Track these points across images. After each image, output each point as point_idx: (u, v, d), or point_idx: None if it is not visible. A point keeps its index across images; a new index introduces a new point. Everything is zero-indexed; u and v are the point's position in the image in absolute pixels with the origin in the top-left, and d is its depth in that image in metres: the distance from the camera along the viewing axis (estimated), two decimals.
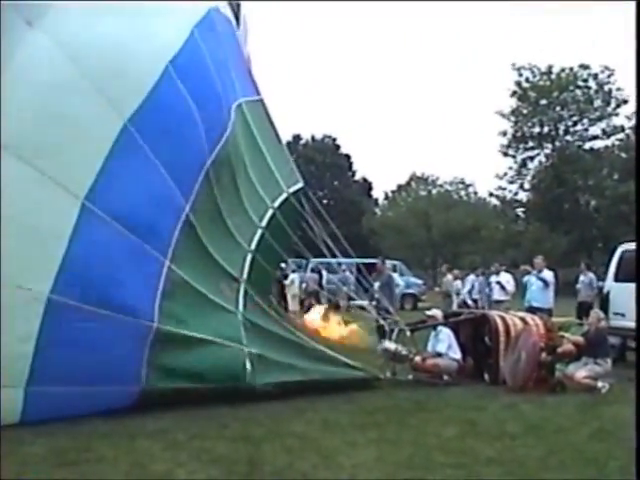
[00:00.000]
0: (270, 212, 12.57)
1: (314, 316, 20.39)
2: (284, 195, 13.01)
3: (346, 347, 13.12)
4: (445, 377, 12.84)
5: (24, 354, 9.11)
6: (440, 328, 13.32)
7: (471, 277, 23.10)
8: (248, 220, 12.22)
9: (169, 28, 11.48)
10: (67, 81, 9.97)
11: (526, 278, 17.59)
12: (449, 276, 24.76)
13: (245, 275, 11.61)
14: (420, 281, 39.06)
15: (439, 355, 12.85)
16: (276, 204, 12.76)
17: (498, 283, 20.12)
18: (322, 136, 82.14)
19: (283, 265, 24.36)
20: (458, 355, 13.04)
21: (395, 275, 25.35)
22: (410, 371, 12.99)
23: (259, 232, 12.21)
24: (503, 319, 13.14)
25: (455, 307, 21.69)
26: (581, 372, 11.99)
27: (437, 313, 14.09)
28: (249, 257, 11.83)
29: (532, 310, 15.77)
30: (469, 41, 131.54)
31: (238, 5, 20.42)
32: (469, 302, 21.49)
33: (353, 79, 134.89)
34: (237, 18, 20.84)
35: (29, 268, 9.21)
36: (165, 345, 10.12)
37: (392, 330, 13.42)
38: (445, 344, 12.89)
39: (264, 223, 12.37)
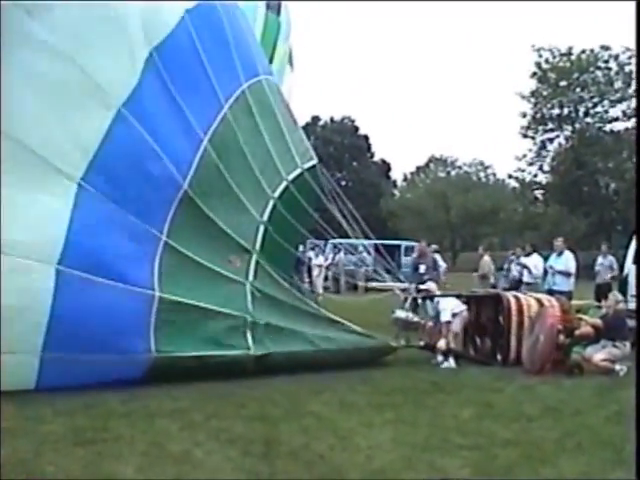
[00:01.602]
0: (284, 184, 12.72)
1: None
2: (298, 170, 13.14)
3: (362, 319, 13.12)
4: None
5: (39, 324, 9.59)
6: (436, 299, 13.49)
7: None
8: (261, 192, 12.36)
9: (159, 14, 11.60)
10: (61, 70, 10.34)
11: (547, 264, 17.51)
12: (486, 257, 24.66)
13: (257, 246, 11.85)
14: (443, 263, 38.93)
15: (448, 323, 12.92)
16: (290, 177, 12.89)
17: (525, 266, 19.92)
18: (341, 117, 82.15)
19: (303, 248, 24.38)
20: (462, 306, 13.23)
21: (437, 257, 25.37)
22: (423, 338, 13.15)
23: (271, 203, 12.36)
24: (517, 299, 13.14)
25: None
26: (599, 354, 11.95)
27: (431, 285, 14.29)
28: (261, 228, 12.03)
29: (552, 293, 15.71)
30: (490, 22, 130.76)
31: None
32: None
33: (373, 60, 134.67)
34: (279, 8, 20.90)
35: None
36: (169, 314, 10.51)
37: (405, 299, 13.55)
38: (447, 312, 12.96)
39: (277, 194, 12.51)
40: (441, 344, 12.73)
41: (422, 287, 14.45)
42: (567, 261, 16.82)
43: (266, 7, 20.51)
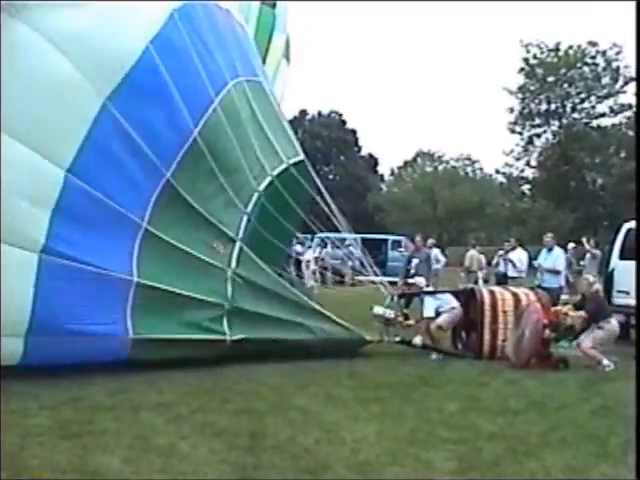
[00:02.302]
0: (268, 179, 12.94)
1: None
2: (284, 165, 13.34)
3: (345, 312, 13.18)
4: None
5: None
6: (422, 296, 13.57)
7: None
8: (247, 185, 12.60)
9: (150, 10, 11.75)
10: (49, 64, 10.59)
11: (535, 262, 17.55)
12: (472, 252, 24.70)
13: (241, 234, 12.09)
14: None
15: (429, 319, 13.04)
16: (275, 172, 13.09)
17: (510, 261, 19.97)
18: (328, 111, 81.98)
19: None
20: (453, 304, 13.25)
21: (437, 251, 25.30)
22: (400, 334, 13.19)
23: (255, 195, 12.60)
24: (492, 294, 13.23)
25: (481, 283, 21.84)
26: (586, 341, 11.99)
27: (419, 280, 14.37)
28: (245, 219, 12.27)
29: (542, 289, 15.77)
30: (477, 17, 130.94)
31: None
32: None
33: (361, 55, 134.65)
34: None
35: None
36: (146, 299, 10.88)
37: (392, 297, 13.64)
38: (430, 308, 13.08)
39: (261, 188, 12.73)
40: (416, 340, 12.91)
41: (410, 281, 14.58)
42: (556, 258, 16.82)
43: None
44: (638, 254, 14.33)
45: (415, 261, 17.76)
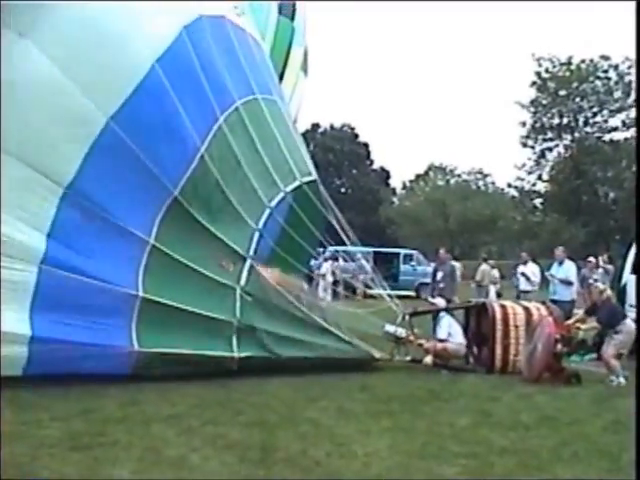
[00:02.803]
0: (280, 195, 12.84)
1: None
2: (297, 183, 13.24)
3: (356, 331, 13.12)
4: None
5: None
6: (441, 315, 13.65)
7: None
8: (257, 200, 12.52)
9: (158, 26, 11.79)
10: (53, 83, 10.66)
11: (547, 273, 17.55)
12: (484, 266, 24.66)
13: (252, 252, 12.06)
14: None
15: (441, 341, 13.09)
16: (288, 189, 13.00)
17: (523, 274, 19.97)
18: (341, 124, 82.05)
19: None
20: (461, 340, 13.28)
21: (458, 265, 25.24)
22: (412, 353, 13.11)
23: (267, 212, 12.53)
24: (503, 308, 13.19)
25: (493, 297, 21.82)
26: (609, 350, 11.98)
27: (440, 301, 14.48)
28: (256, 235, 12.22)
29: (554, 303, 15.74)
30: (490, 31, 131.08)
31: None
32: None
33: (373, 68, 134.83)
34: (294, 11, 20.60)
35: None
36: (152, 314, 10.94)
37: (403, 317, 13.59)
38: (444, 330, 13.18)
39: (273, 204, 12.67)
40: (427, 360, 12.86)
41: (431, 300, 14.83)
42: (568, 270, 16.82)
43: (278, 11, 20.19)
44: (638, 256, 14.25)
45: (440, 274, 17.77)
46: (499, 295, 23.08)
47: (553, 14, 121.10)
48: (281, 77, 18.79)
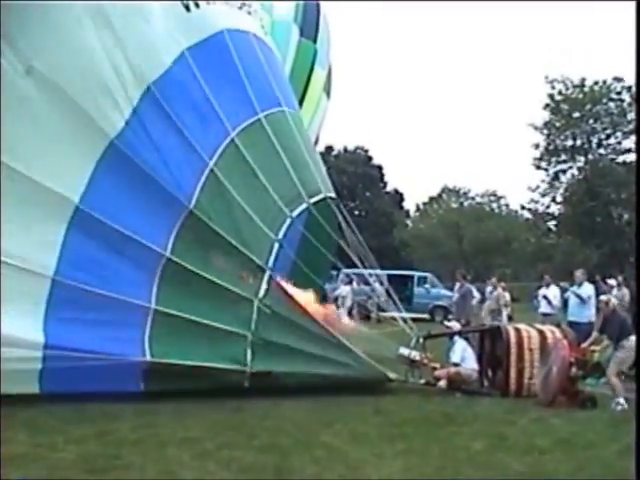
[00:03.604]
0: (303, 206, 12.95)
1: None
2: (321, 195, 13.39)
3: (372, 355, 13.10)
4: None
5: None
6: (455, 339, 13.69)
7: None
8: (277, 210, 12.60)
9: (159, 48, 12.12)
10: (54, 101, 11.11)
11: (567, 294, 17.55)
12: (499, 290, 24.59)
13: (271, 264, 12.07)
14: (451, 293, 38.77)
15: (455, 365, 13.09)
16: (312, 200, 13.13)
17: (545, 297, 19.93)
18: (354, 147, 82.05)
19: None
20: (473, 365, 13.29)
21: (472, 287, 25.21)
22: (425, 376, 13.10)
23: (288, 221, 12.60)
24: (517, 331, 13.15)
25: (505, 320, 21.76)
26: (611, 367, 11.93)
27: (455, 325, 14.64)
28: (276, 246, 12.25)
29: (570, 325, 15.70)
30: (503, 54, 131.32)
31: (317, 5, 20.29)
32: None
33: (386, 91, 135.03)
34: (317, 18, 20.59)
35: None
36: (165, 326, 11.18)
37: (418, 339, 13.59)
38: (458, 355, 13.23)
39: (295, 214, 12.76)
40: (441, 384, 12.86)
41: (447, 324, 14.97)
42: (586, 292, 16.80)
43: (299, 33, 20.19)
44: (638, 261, 14.20)
45: (455, 295, 17.80)
46: (510, 318, 22.91)
47: (567, 35, 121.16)
48: (302, 99, 18.83)
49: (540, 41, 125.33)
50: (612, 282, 22.23)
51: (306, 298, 12.33)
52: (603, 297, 13.31)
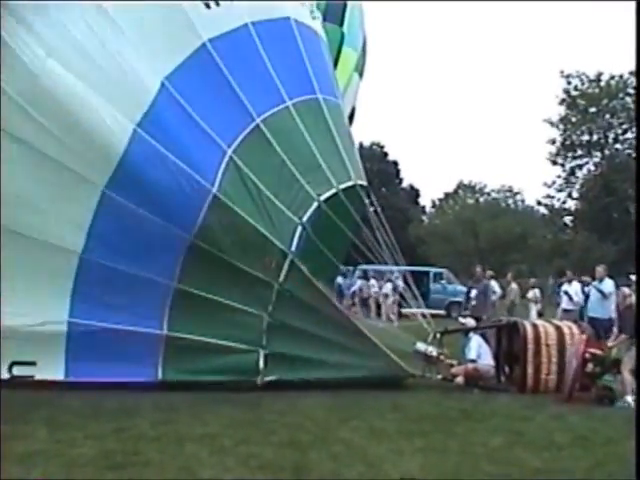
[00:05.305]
0: (333, 190, 12.96)
1: None
2: (351, 182, 13.51)
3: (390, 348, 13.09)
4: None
5: None
6: (470, 335, 13.72)
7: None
8: (303, 193, 12.60)
9: (171, 43, 12.08)
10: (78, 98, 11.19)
11: (587, 288, 17.54)
12: (514, 285, 24.58)
13: (294, 248, 12.05)
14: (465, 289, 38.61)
15: (472, 362, 13.10)
16: (341, 187, 13.17)
17: (566, 293, 19.92)
18: (370, 143, 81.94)
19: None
20: (490, 361, 13.30)
21: (493, 282, 25.21)
22: (442, 371, 13.15)
23: (314, 204, 12.59)
24: (535, 327, 13.15)
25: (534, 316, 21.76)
26: (626, 364, 11.85)
27: (469, 322, 14.61)
28: (299, 229, 12.22)
29: (591, 321, 15.68)
30: (518, 49, 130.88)
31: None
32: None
33: (401, 87, 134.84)
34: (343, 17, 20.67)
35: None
36: (178, 350, 11.54)
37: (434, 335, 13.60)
38: (474, 351, 13.22)
39: (323, 198, 12.73)
40: (459, 380, 12.86)
41: (461, 321, 14.89)
42: (607, 287, 16.78)
43: (323, 18, 20.20)
44: (638, 261, 14.15)
45: (474, 292, 17.74)
46: (540, 315, 22.91)
47: (582, 30, 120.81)
48: None
49: (556, 36, 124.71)
50: (634, 277, 22.20)
51: None
52: (625, 289, 13.26)
